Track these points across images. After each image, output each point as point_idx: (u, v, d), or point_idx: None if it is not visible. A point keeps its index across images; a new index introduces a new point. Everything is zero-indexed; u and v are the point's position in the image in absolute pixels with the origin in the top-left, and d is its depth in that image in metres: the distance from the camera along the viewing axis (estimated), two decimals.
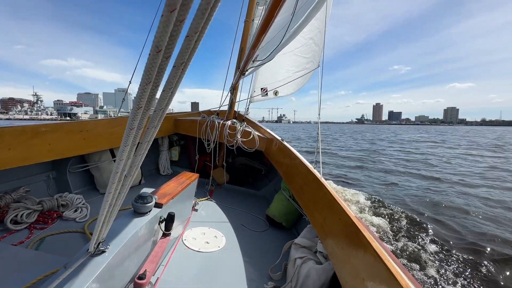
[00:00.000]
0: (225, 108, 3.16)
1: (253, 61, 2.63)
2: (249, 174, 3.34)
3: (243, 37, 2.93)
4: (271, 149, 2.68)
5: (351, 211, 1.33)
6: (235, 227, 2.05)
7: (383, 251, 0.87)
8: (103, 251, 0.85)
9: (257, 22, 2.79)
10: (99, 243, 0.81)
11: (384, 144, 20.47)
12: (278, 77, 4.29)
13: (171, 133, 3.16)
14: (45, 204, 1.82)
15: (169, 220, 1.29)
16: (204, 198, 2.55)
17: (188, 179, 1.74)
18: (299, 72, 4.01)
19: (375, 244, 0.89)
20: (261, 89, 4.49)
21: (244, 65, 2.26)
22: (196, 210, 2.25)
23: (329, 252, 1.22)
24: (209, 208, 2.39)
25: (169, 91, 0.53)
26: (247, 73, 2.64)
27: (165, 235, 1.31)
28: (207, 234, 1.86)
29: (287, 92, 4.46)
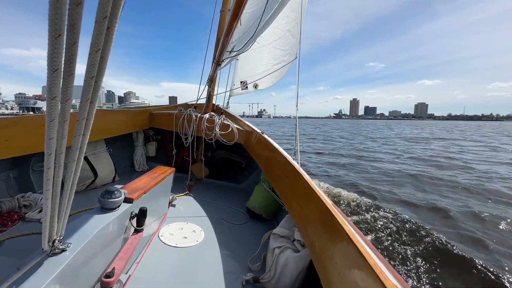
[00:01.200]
0: (203, 101, 3.08)
1: (230, 52, 2.58)
2: (229, 168, 3.31)
3: (219, 28, 2.85)
4: (250, 141, 2.66)
5: (327, 198, 1.35)
6: (214, 221, 2.02)
7: (355, 235, 0.88)
8: (63, 250, 0.79)
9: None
10: (53, 241, 0.75)
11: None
12: (257, 70, 4.26)
13: (146, 127, 3.03)
14: (4, 205, 1.67)
15: (141, 216, 1.24)
16: (183, 194, 2.48)
17: (163, 173, 1.67)
18: (278, 64, 4.01)
19: (348, 229, 0.91)
20: (241, 82, 4.44)
21: (219, 55, 2.20)
22: (174, 205, 2.19)
23: (305, 239, 1.24)
24: (188, 203, 2.33)
25: (91, 80, 0.49)
26: (223, 64, 2.58)
27: (137, 231, 1.25)
28: (185, 229, 1.81)
29: (266, 85, 4.45)
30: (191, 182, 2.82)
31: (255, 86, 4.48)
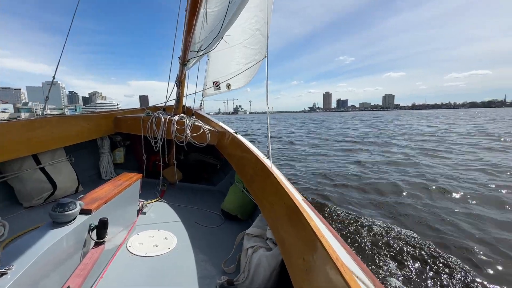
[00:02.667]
0: (173, 103, 2.97)
1: (197, 52, 2.51)
2: (204, 170, 3.24)
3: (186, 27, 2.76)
4: (223, 142, 2.63)
5: (297, 194, 1.36)
6: (188, 225, 1.96)
7: (321, 230, 0.90)
8: (3, 274, 0.71)
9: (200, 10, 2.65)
10: None
11: None
12: (229, 70, 4.22)
13: (112, 133, 2.85)
14: None
15: (102, 227, 1.15)
16: (154, 200, 2.38)
17: (128, 180, 1.58)
18: (249, 63, 4.00)
19: (314, 224, 0.92)
20: (213, 82, 4.37)
21: (183, 55, 2.13)
22: (144, 213, 2.09)
23: (276, 237, 1.24)
24: (160, 209, 2.24)
25: None
26: (190, 64, 2.51)
27: (98, 244, 1.17)
28: (156, 237, 1.73)
29: (239, 84, 4.43)
30: (163, 188, 2.71)
31: (228, 86, 4.44)
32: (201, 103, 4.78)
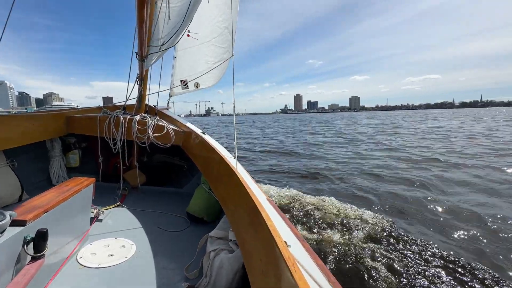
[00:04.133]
0: (134, 102, 2.80)
1: (160, 47, 2.40)
2: (170, 172, 3.10)
3: (148, 20, 2.61)
4: (189, 143, 2.53)
5: (259, 194, 1.35)
6: (150, 231, 1.85)
7: (277, 229, 0.88)
8: None
9: (160, 4, 2.52)
10: None
11: None
12: (197, 68, 4.10)
13: (63, 134, 2.59)
14: None
15: (40, 239, 1.02)
16: (112, 206, 2.21)
17: (78, 185, 1.44)
18: (218, 62, 3.93)
19: (271, 224, 0.90)
20: (181, 81, 4.22)
21: (140, 49, 2.01)
22: (100, 220, 1.93)
23: (237, 238, 1.21)
24: (119, 215, 2.08)
25: None
26: (152, 61, 2.38)
27: (35, 258, 1.03)
28: (112, 246, 1.60)
29: (208, 84, 4.32)
30: (124, 192, 2.54)
31: (196, 85, 4.31)
32: (168, 103, 4.59)
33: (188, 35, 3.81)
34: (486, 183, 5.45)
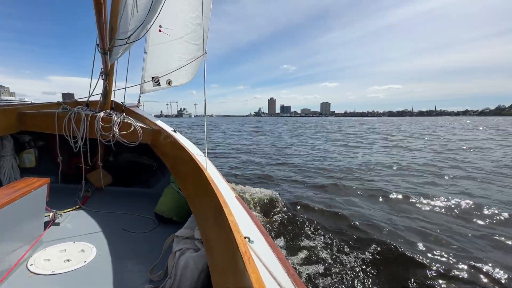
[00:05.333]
0: (98, 98, 2.63)
1: (126, 40, 2.29)
2: (139, 172, 2.97)
3: (113, 13, 2.47)
4: (158, 141, 2.44)
5: (227, 191, 1.34)
6: (113, 233, 1.76)
7: (238, 225, 0.89)
8: None
9: None
10: None
11: None
12: (170, 65, 3.97)
13: (15, 131, 2.37)
14: None
15: None
16: (72, 208, 2.07)
17: (28, 186, 1.32)
18: (191, 59, 3.84)
19: (232, 219, 0.90)
20: (152, 78, 4.06)
21: (101, 42, 1.90)
22: (57, 224, 1.79)
23: (202, 236, 1.19)
24: (79, 218, 1.95)
25: None
26: (118, 54, 2.26)
27: None
28: (69, 251, 1.50)
29: (181, 81, 4.21)
30: (87, 193, 2.38)
31: (169, 82, 4.17)
32: (139, 100, 4.39)
33: (160, 30, 3.68)
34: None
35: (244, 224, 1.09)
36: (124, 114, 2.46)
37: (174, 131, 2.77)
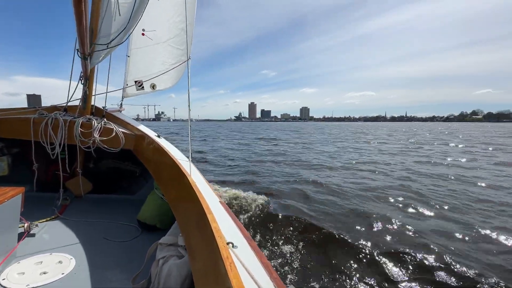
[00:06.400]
0: (78, 103, 2.55)
1: (108, 45, 2.24)
2: (121, 178, 2.90)
3: (93, 17, 2.42)
4: (141, 146, 2.40)
5: (211, 196, 1.34)
6: (93, 243, 1.70)
7: (221, 230, 0.90)
8: None
9: (110, 0, 2.36)
10: None
11: None
12: (154, 69, 3.92)
13: None
14: None
15: None
16: (49, 218, 1.98)
17: (0, 197, 1.26)
18: (175, 64, 3.82)
19: (215, 225, 0.92)
20: (135, 82, 3.98)
21: (81, 46, 1.86)
22: (32, 235, 1.71)
23: (186, 242, 1.19)
24: (57, 228, 1.88)
25: None
26: (99, 59, 2.22)
27: None
28: (46, 262, 1.44)
29: (165, 85, 4.16)
30: (65, 202, 2.29)
31: (153, 87, 4.12)
32: (121, 104, 4.29)
33: (143, 34, 3.64)
34: None
35: (227, 229, 1.10)
36: (105, 119, 2.40)
37: (158, 136, 2.73)
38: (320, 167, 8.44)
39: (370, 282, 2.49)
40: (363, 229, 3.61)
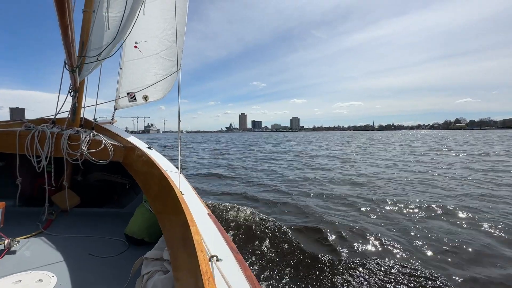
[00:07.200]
0: (66, 115, 2.52)
1: (97, 57, 2.25)
2: (111, 191, 2.84)
3: (84, 30, 2.44)
4: (131, 158, 2.37)
5: (198, 207, 1.32)
6: (77, 259, 1.64)
7: (205, 243, 0.88)
8: None
9: (96, 13, 2.38)
10: None
11: None
12: (146, 81, 3.95)
13: None
14: None
15: None
16: (31, 234, 1.91)
17: None
18: (166, 75, 3.86)
19: (197, 238, 0.89)
20: (128, 93, 3.99)
21: (69, 59, 1.86)
22: (13, 252, 1.64)
23: (170, 256, 1.16)
24: (39, 245, 1.81)
25: None
26: (88, 71, 2.22)
27: None
28: (25, 281, 1.37)
29: (157, 96, 4.18)
30: (50, 217, 2.23)
31: (145, 98, 4.14)
32: (113, 116, 4.27)
33: (136, 47, 3.68)
34: None
35: (213, 242, 1.07)
36: (94, 131, 2.37)
37: (149, 147, 2.70)
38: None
39: None
40: (361, 244, 3.53)
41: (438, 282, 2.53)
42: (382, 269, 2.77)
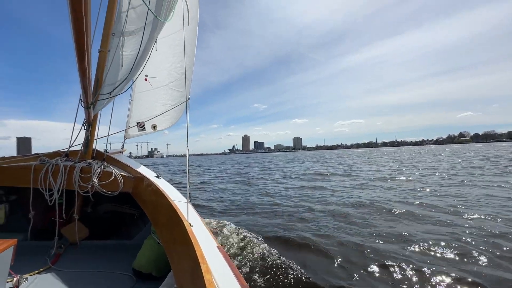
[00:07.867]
0: (79, 147, 2.60)
1: (111, 93, 2.38)
2: (120, 222, 2.82)
3: (99, 68, 2.61)
4: (140, 189, 2.38)
5: (208, 241, 1.29)
6: None
7: (215, 283, 0.85)
8: None
9: (114, 53, 2.57)
10: None
11: None
12: (155, 111, 4.11)
13: None
14: None
15: None
16: (39, 270, 1.89)
17: None
18: (175, 105, 4.02)
19: (208, 277, 0.87)
20: (137, 123, 4.14)
21: (85, 97, 1.97)
22: None
23: None
24: (47, 281, 1.77)
25: None
26: (101, 106, 2.33)
27: None
28: None
29: (165, 125, 4.32)
30: (59, 251, 2.21)
31: (154, 127, 4.28)
32: (123, 145, 4.39)
33: (146, 79, 3.89)
34: None
35: (223, 279, 1.04)
36: (105, 162, 2.43)
37: (158, 177, 2.73)
38: None
39: None
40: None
41: None
42: None
